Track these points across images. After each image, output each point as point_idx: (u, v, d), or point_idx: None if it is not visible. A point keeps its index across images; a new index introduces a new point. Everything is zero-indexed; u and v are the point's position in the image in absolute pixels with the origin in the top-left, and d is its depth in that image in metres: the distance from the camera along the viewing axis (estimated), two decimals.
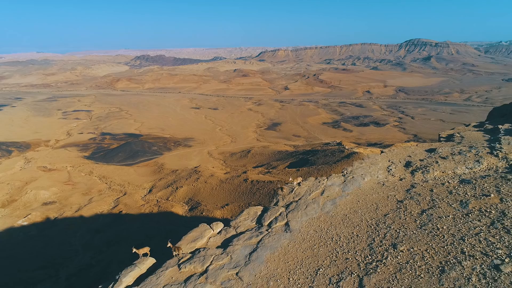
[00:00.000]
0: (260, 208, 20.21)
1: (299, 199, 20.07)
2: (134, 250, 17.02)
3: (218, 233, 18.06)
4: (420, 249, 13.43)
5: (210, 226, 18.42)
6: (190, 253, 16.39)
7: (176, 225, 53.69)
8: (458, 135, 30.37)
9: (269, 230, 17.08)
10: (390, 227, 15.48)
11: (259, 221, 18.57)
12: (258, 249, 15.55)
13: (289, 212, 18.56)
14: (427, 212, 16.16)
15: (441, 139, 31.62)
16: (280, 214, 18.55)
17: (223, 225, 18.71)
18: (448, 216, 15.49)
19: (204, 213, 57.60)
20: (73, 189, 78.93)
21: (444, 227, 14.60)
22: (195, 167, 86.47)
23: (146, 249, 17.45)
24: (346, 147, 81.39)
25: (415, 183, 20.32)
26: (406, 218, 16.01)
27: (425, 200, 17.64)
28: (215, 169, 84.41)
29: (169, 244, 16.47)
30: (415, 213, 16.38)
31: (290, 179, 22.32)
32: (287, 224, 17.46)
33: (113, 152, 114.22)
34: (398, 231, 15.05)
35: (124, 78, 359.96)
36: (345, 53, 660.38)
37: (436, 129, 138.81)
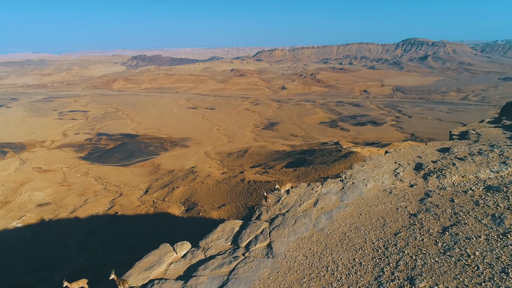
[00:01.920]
0: (239, 223, 16.74)
1: (287, 211, 16.56)
2: (65, 284, 13.47)
3: (182, 256, 14.47)
4: (447, 287, 10.01)
5: (173, 248, 14.83)
6: (141, 286, 13.03)
7: (172, 226, 53.14)
8: (474, 132, 27.04)
9: (246, 254, 13.54)
10: (404, 252, 11.89)
11: (236, 240, 14.88)
12: (230, 283, 12.07)
13: (273, 229, 14.92)
14: (450, 231, 12.59)
15: (454, 136, 27.98)
16: (261, 232, 14.91)
17: (190, 245, 15.25)
18: (480, 236, 11.98)
19: (200, 214, 57.03)
20: (69, 190, 78.13)
21: (477, 253, 11.02)
22: (192, 168, 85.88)
23: (82, 282, 14.00)
24: (344, 147, 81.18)
25: (430, 191, 16.62)
26: (423, 239, 12.45)
27: (445, 213, 14.02)
28: (212, 169, 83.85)
29: (113, 276, 12.78)
30: (435, 231, 12.80)
31: (277, 186, 18.80)
32: (269, 245, 13.85)
33: (109, 152, 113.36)
34: (414, 258, 11.46)
35: (120, 78, 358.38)
36: (342, 53, 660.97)
37: (434, 128, 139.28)
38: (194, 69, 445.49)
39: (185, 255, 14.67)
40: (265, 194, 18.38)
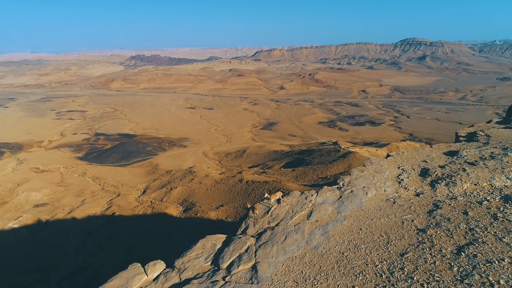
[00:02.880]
0: (222, 238, 14.74)
1: (277, 224, 14.66)
2: (266, 194, 15.07)
3: (154, 279, 12.59)
4: None
5: (144, 269, 12.90)
6: None
7: (170, 227, 52.92)
8: (482, 134, 25.20)
9: (226, 279, 11.73)
10: (412, 278, 9.98)
11: (217, 260, 12.94)
12: None
13: (260, 246, 13.10)
14: (466, 252, 10.63)
15: (461, 138, 26.04)
16: (246, 250, 13.09)
17: (164, 266, 13.21)
18: (503, 259, 10.05)
19: (198, 214, 56.81)
20: (66, 190, 77.73)
21: (502, 282, 9.18)
22: (190, 168, 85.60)
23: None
24: (342, 147, 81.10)
25: (439, 201, 14.69)
26: (435, 262, 10.47)
27: (459, 229, 12.09)
28: (210, 170, 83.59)
29: None
30: (448, 252, 10.85)
31: (266, 194, 16.75)
32: (254, 267, 11.97)
33: (107, 152, 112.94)
34: (426, 286, 9.59)
35: (118, 78, 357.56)
36: (340, 53, 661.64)
37: (432, 128, 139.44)
38: (193, 69, 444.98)
39: (157, 277, 12.68)
40: (248, 205, 16.61)
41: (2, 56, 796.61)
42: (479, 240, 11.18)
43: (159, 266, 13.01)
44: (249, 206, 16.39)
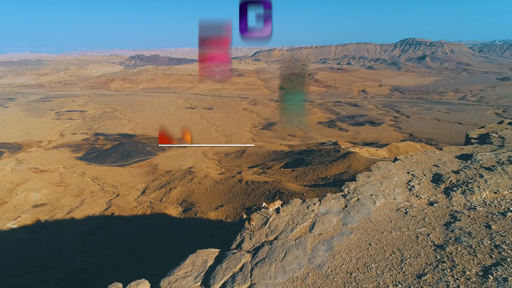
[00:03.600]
0: (214, 253, 13.17)
1: (276, 238, 13.23)
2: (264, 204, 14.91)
3: None
4: None
5: None
6: None
7: (169, 227, 52.83)
8: (496, 136, 23.29)
9: None
10: None
11: (207, 279, 11.51)
12: None
13: (256, 264, 11.63)
14: (494, 274, 9.13)
15: (472, 140, 24.16)
16: (241, 269, 11.63)
17: (148, 286, 12.01)
18: None
19: (198, 215, 56.68)
20: (65, 190, 77.60)
21: None
22: (189, 168, 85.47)
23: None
24: (342, 147, 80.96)
25: (457, 212, 13.15)
26: (459, 286, 9.01)
27: (482, 246, 10.52)
28: (209, 170, 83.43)
29: None
30: (473, 274, 9.32)
31: (264, 203, 15.22)
32: None
33: (107, 152, 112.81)
34: None
35: (118, 78, 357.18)
36: (340, 53, 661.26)
37: (432, 128, 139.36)
38: (192, 69, 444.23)
39: None
40: (244, 216, 14.93)
41: (1, 56, 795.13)
42: (508, 259, 9.70)
43: (142, 286, 11.73)
44: (244, 216, 14.79)
